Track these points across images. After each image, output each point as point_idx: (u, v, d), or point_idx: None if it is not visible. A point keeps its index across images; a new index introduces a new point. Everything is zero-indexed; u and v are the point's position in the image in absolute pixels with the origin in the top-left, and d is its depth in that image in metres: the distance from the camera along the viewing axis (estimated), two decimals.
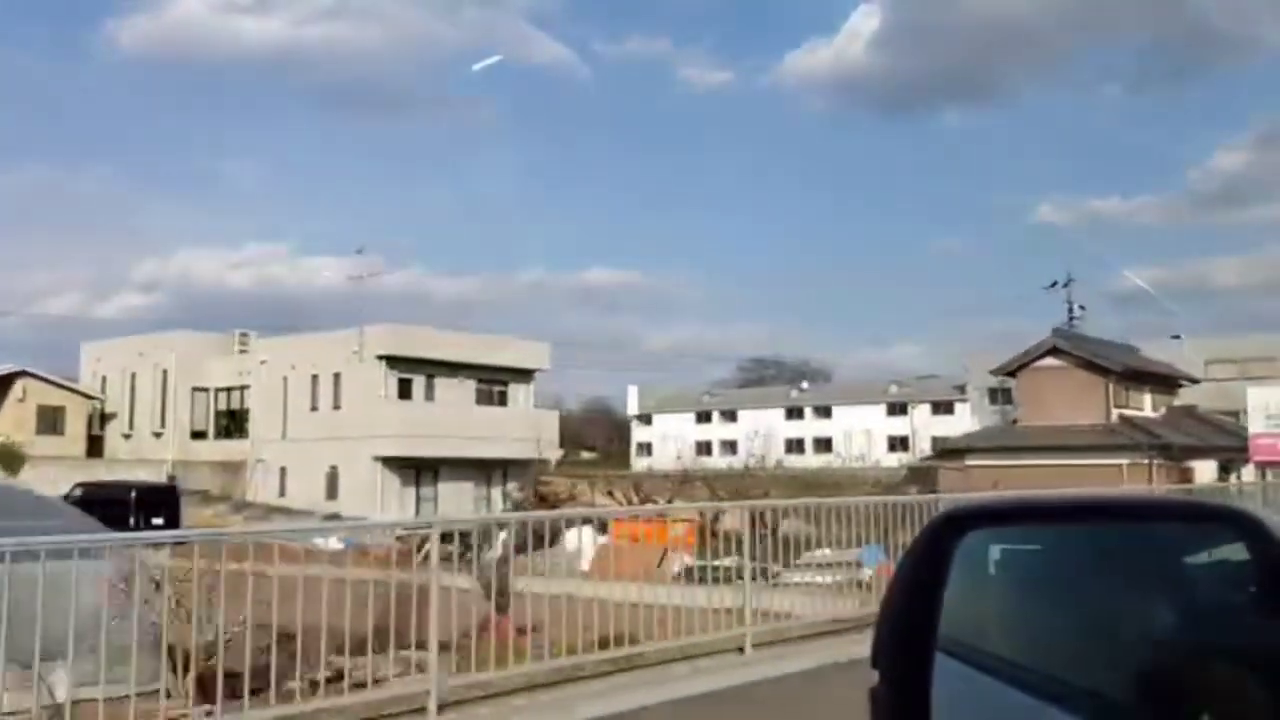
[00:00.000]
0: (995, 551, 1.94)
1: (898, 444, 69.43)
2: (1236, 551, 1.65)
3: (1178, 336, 60.89)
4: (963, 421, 66.74)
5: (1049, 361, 42.85)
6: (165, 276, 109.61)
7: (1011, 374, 43.66)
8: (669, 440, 77.02)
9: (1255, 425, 36.14)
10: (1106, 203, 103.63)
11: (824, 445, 72.11)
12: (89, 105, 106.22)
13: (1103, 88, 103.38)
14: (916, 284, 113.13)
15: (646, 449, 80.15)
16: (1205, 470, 41.37)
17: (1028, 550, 1.97)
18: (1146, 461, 40.12)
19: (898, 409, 70.37)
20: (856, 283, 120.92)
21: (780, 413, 75.57)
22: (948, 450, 44.37)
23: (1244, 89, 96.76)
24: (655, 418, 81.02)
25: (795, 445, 73.37)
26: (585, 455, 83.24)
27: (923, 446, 68.11)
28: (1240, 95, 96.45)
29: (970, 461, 43.69)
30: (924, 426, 68.32)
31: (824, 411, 74.51)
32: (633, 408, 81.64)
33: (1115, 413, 41.68)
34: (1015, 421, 44.27)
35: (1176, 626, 1.74)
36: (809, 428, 73.95)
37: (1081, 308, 60.85)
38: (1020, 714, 1.73)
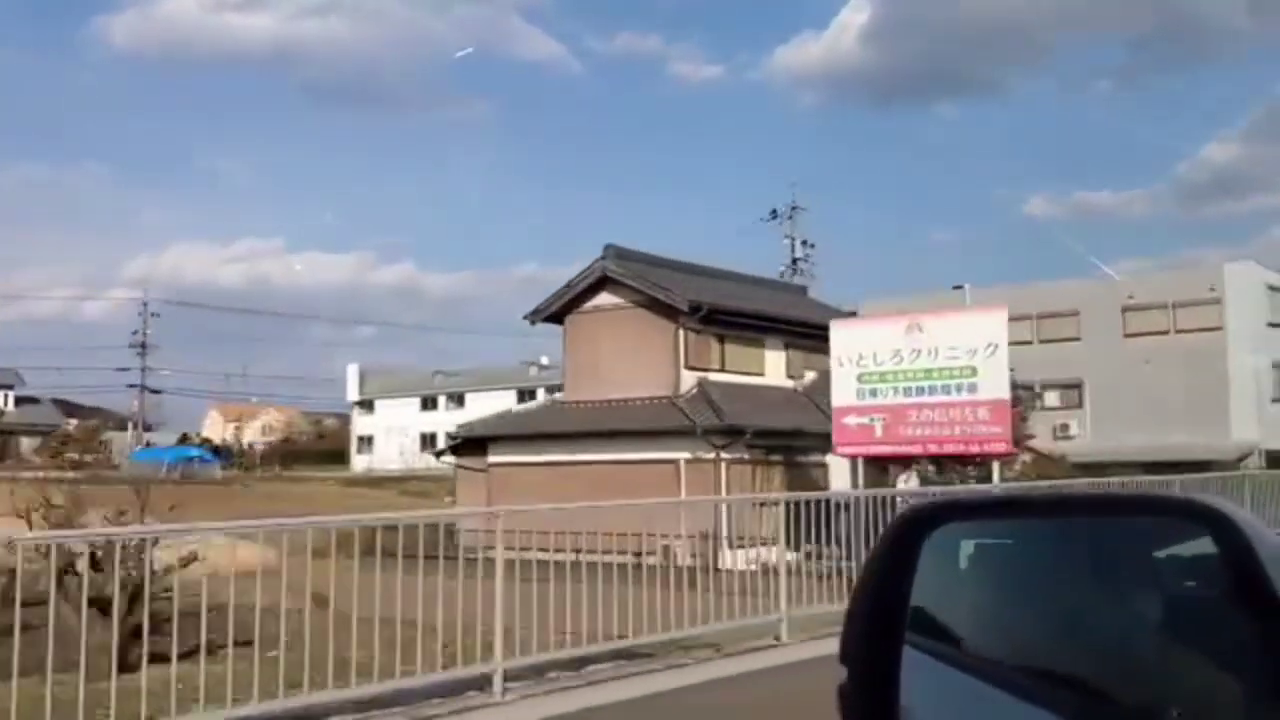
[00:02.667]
0: (968, 546, 1.90)
1: None
2: (1205, 545, 1.64)
3: (959, 286, 45.21)
4: None
5: (605, 300, 27.24)
6: (156, 273, 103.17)
7: (557, 319, 27.96)
8: (393, 432, 61.66)
9: (840, 392, 20.55)
10: (1098, 195, 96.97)
11: None
12: (79, 102, 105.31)
13: (1093, 82, 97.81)
14: (912, 278, 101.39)
15: (369, 442, 64.63)
16: (842, 472, 25.78)
17: (998, 545, 1.93)
18: (712, 455, 24.50)
19: (528, 395, 54.75)
20: (852, 275, 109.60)
21: (513, 395, 59.89)
22: (470, 441, 28.72)
23: (1233, 83, 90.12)
24: (378, 404, 65.44)
25: (429, 441, 58.24)
26: None
27: None
28: (1229, 89, 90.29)
29: (494, 458, 28.12)
30: None
31: (457, 400, 59.00)
32: (352, 392, 66.04)
33: (693, 378, 26.04)
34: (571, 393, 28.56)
35: (1145, 620, 1.74)
36: (442, 419, 58.32)
37: (809, 245, 45.09)
38: (990, 708, 1.72)
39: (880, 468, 21.66)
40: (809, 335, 29.25)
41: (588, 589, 8.93)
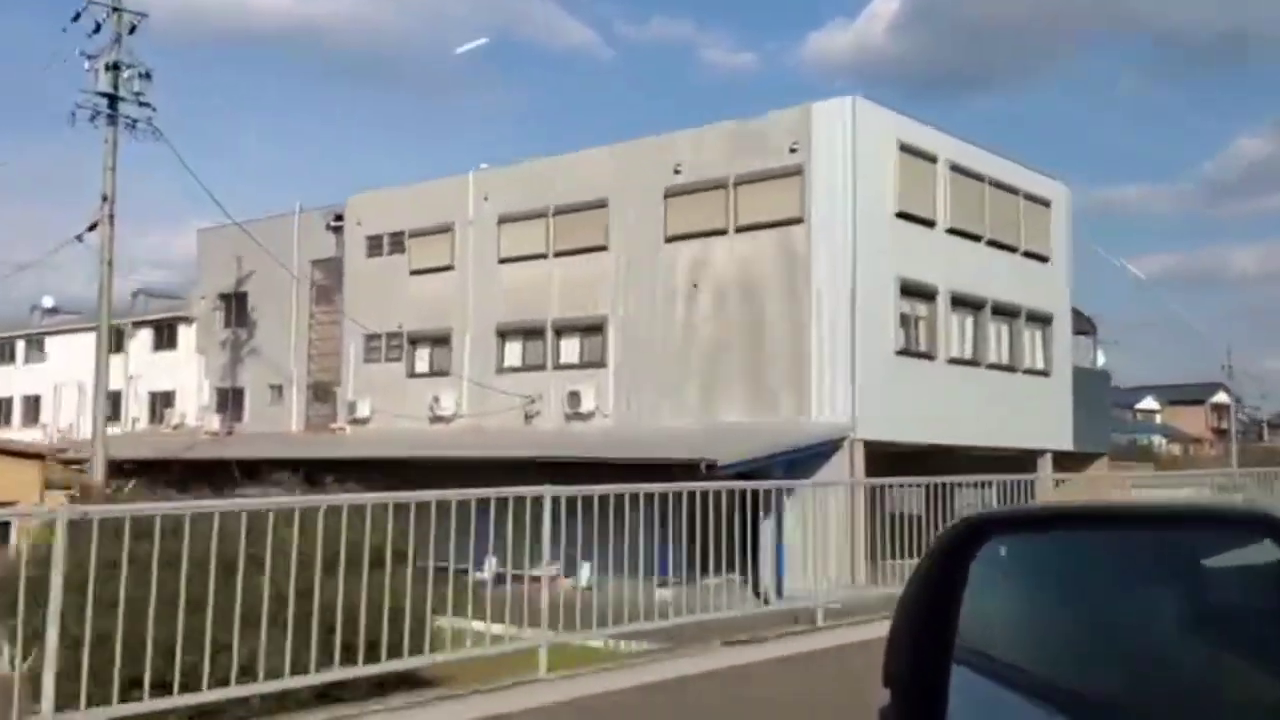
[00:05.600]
0: (1011, 560, 1.79)
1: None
2: (1251, 555, 1.58)
3: (484, 166, 27.94)
4: (185, 358, 34.66)
5: None
6: (174, 249, 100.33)
7: None
8: None
9: None
10: (1122, 191, 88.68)
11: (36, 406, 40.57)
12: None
13: (1122, 76, 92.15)
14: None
15: None
16: None
17: (1044, 558, 1.83)
18: None
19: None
20: None
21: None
22: None
23: (1264, 79, 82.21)
24: None
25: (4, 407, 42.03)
26: None
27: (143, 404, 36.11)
28: (1260, 86, 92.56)
29: None
30: (147, 369, 36.07)
31: (36, 346, 42.38)
32: None
33: None
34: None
35: (1197, 633, 1.67)
36: (20, 379, 41.74)
37: (139, 75, 27.45)
38: None
39: None
40: None
41: None
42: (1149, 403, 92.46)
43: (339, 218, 29.47)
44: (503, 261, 25.85)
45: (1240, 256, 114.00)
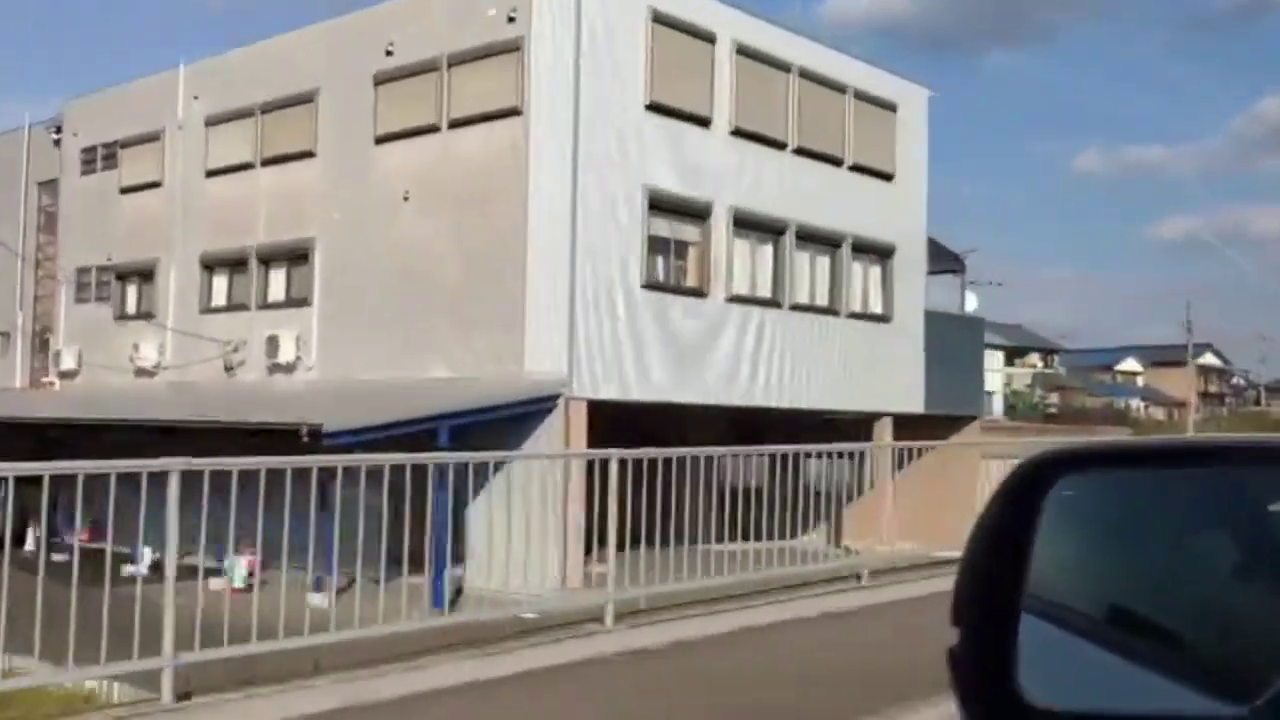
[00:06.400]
0: (1083, 500, 1.72)
1: None
2: None
3: (187, 66, 22.80)
4: None
5: None
6: None
7: None
8: None
9: None
10: (1148, 149, 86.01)
11: None
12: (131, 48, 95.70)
13: (1148, 33, 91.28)
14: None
15: None
16: None
17: (1104, 498, 1.77)
18: None
19: None
20: None
21: None
22: None
23: None
24: None
25: None
26: None
27: None
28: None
29: None
30: None
31: None
32: None
33: None
34: None
35: (1260, 579, 1.62)
36: None
37: None
38: (1106, 673, 1.63)
39: None
40: None
41: None
42: (1131, 364, 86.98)
43: (61, 129, 24.42)
44: (210, 174, 20.82)
45: (1260, 218, 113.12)
